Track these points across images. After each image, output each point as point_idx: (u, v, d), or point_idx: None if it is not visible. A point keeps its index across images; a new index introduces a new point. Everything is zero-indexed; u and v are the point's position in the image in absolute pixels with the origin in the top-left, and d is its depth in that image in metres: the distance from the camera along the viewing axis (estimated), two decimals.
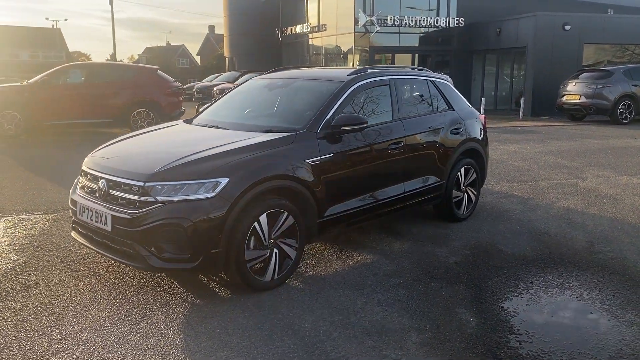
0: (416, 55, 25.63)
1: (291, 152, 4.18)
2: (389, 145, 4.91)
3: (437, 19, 24.35)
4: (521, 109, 20.16)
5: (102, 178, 4.02)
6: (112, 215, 3.78)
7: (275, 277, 4.08)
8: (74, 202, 4.25)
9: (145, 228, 3.63)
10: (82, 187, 4.29)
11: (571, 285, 4.26)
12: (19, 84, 13.56)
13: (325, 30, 26.48)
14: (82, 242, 4.18)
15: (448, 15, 24.64)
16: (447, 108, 5.83)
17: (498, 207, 6.71)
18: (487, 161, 6.36)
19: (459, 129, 5.77)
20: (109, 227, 3.81)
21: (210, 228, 3.66)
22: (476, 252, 5.02)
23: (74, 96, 13.03)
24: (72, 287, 4.09)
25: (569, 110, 18.19)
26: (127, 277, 4.27)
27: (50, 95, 12.77)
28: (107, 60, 56.49)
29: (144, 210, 3.67)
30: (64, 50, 69.74)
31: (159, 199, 3.67)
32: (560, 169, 9.29)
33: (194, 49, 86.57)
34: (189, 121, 5.24)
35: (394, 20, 23.55)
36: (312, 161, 4.23)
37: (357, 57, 24.45)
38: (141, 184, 3.72)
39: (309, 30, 27.73)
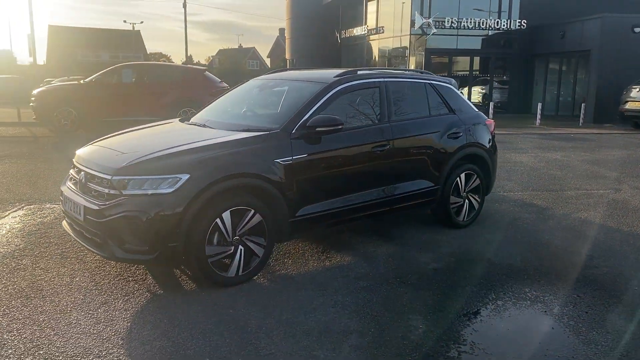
0: (474, 58, 24.97)
1: (260, 151, 4.25)
2: (373, 148, 4.87)
3: (498, 21, 23.61)
4: (581, 116, 19.19)
5: (82, 171, 4.26)
6: (85, 207, 4.00)
7: (240, 273, 4.16)
8: (62, 193, 4.52)
9: (109, 219, 3.82)
10: (71, 179, 4.56)
11: (546, 299, 4.07)
12: (75, 82, 14.45)
13: (383, 32, 26.35)
14: (67, 230, 4.44)
15: (510, 17, 23.84)
16: (447, 112, 5.70)
17: (510, 215, 6.47)
18: (493, 168, 6.14)
19: (459, 133, 5.62)
20: (81, 217, 4.03)
21: (168, 222, 3.79)
22: (461, 260, 4.89)
23: (125, 95, 13.74)
24: (54, 273, 4.36)
25: (632, 118, 17.15)
26: (107, 266, 4.49)
27: (103, 93, 13.54)
28: (183, 61, 58.88)
29: (110, 202, 3.86)
30: (142, 51, 73.48)
31: (124, 192, 3.84)
32: (596, 179, 8.81)
33: (265, 51, 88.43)
34: (184, 119, 5.42)
35: (452, 22, 23.06)
36: (282, 161, 4.28)
37: (414, 59, 24.15)
38: (109, 177, 3.92)
39: (367, 32, 27.68)
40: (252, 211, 4.14)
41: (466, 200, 5.82)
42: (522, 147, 12.72)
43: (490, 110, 19.06)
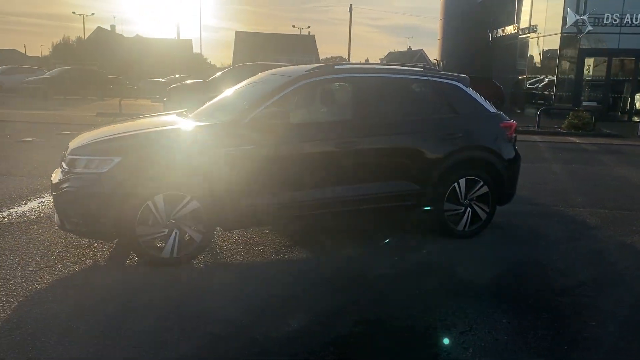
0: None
1: (201, 140, 4.42)
2: (336, 145, 4.72)
3: None
4: None
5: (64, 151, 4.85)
6: (52, 182, 4.56)
7: (175, 255, 4.37)
8: None
9: (58, 193, 4.31)
10: None
11: (464, 320, 3.61)
12: (201, 80, 15.90)
13: (535, 31, 24.38)
14: None
15: None
16: (446, 112, 5.26)
17: (537, 231, 5.74)
18: (510, 175, 5.47)
19: (456, 135, 5.15)
20: (50, 192, 4.61)
21: (98, 200, 4.15)
22: (421, 271, 4.52)
23: (242, 93, 14.75)
24: (42, 238, 4.97)
25: None
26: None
27: (222, 91, 14.71)
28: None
29: (63, 178, 4.36)
30: (315, 54, 78.02)
31: (73, 170, 4.31)
32: None
33: (435, 53, 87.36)
34: (186, 110, 5.78)
35: (612, 18, 20.52)
36: (224, 151, 4.40)
37: (565, 60, 21.99)
38: (67, 155, 4.42)
39: (518, 31, 25.86)
40: (189, 197, 4.33)
41: (468, 209, 5.32)
42: None
43: None
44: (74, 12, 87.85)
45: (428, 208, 5.17)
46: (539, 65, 24.61)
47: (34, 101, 23.20)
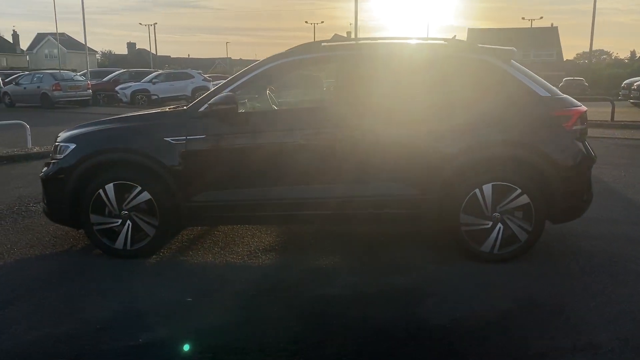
0: None
1: (150, 129, 4.16)
2: (303, 136, 3.99)
3: None
4: None
5: None
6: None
7: (129, 247, 4.19)
8: None
9: (40, 178, 4.51)
10: None
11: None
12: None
13: None
14: None
15: None
16: (466, 95, 4.03)
17: (608, 260, 4.16)
18: (568, 184, 3.95)
19: (477, 125, 3.91)
20: None
21: (55, 185, 4.22)
22: (375, 298, 3.53)
23: None
24: (36, 222, 5.22)
25: None
26: None
27: None
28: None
29: (45, 164, 4.55)
30: (556, 48, 70.86)
31: (52, 156, 4.46)
32: None
33: None
34: None
35: None
36: (173, 140, 4.05)
37: None
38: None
39: None
40: (139, 188, 4.11)
41: (499, 225, 4.01)
42: None
43: None
44: (306, 22, 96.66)
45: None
46: None
47: None
